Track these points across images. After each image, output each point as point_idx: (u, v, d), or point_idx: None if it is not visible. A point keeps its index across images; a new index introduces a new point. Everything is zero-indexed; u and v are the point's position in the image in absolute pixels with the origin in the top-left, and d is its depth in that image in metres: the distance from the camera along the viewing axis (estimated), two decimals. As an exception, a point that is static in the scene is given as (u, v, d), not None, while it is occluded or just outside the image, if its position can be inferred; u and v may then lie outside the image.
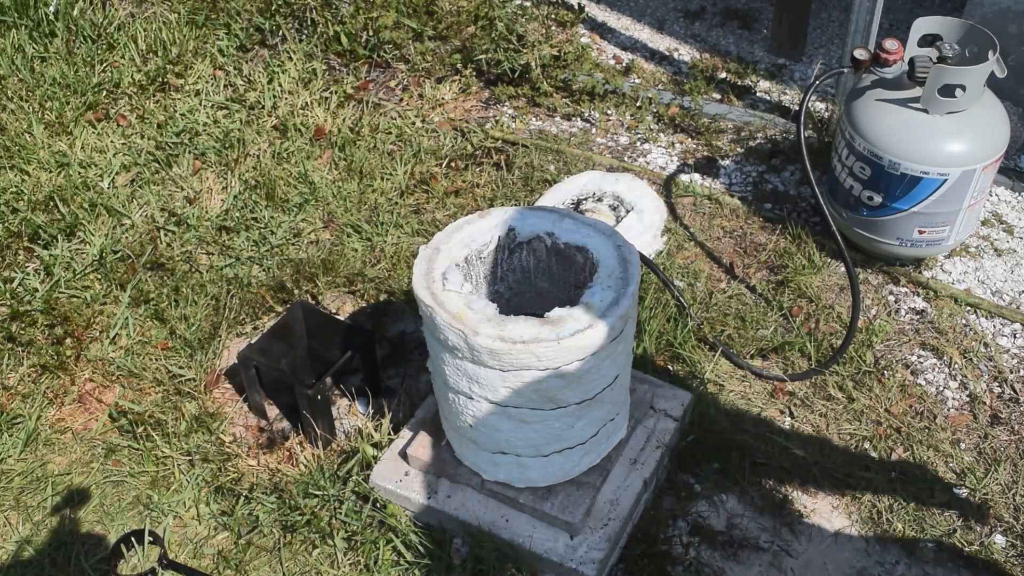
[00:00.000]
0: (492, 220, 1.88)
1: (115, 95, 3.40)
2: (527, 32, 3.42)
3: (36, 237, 2.84)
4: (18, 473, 2.29)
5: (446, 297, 1.71)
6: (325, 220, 2.92)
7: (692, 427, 2.22)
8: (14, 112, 3.29)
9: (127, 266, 2.76)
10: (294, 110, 3.32)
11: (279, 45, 3.62)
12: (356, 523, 2.05)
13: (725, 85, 3.42)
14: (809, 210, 2.87)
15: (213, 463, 2.23)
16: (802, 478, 2.15)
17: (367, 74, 3.54)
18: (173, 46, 3.54)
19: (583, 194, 2.89)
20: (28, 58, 3.52)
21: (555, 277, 1.93)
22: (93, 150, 3.18)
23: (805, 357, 2.41)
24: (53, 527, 2.17)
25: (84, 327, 2.58)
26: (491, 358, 1.65)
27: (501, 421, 1.78)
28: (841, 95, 3.01)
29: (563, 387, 1.71)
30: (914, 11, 3.69)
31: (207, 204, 2.98)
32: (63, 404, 2.43)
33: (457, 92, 3.47)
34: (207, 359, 2.48)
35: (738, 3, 3.92)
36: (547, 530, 1.92)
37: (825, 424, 2.26)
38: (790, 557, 2.02)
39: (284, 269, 2.73)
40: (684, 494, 2.12)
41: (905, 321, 2.52)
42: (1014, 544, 2.02)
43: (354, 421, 2.33)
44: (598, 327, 1.65)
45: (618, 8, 3.97)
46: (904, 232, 2.51)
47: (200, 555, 2.09)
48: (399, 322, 2.58)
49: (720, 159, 3.10)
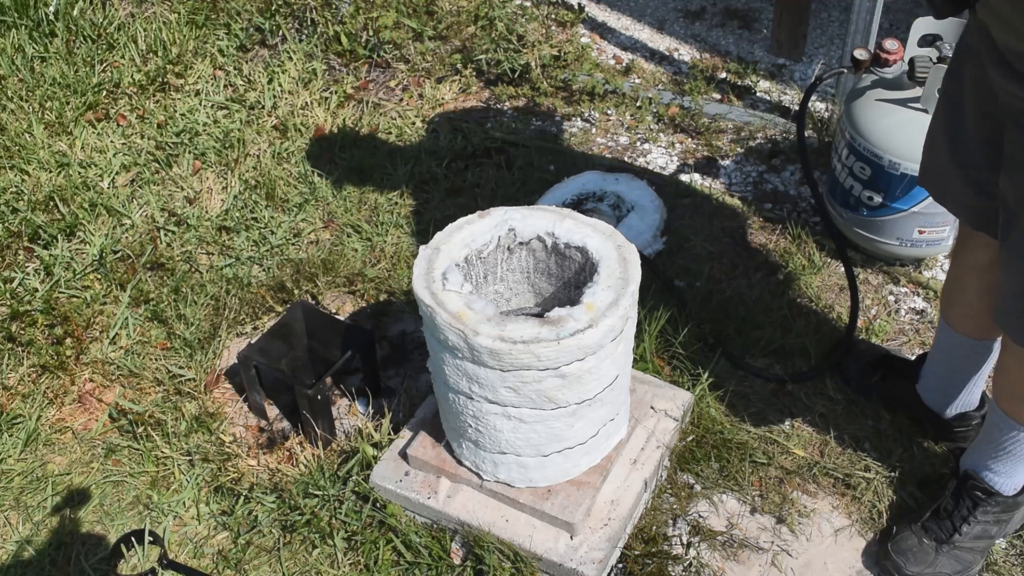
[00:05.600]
0: (492, 220, 1.88)
1: (115, 95, 3.40)
2: (527, 32, 3.42)
3: (36, 237, 2.84)
4: (18, 473, 2.29)
5: (446, 297, 1.71)
6: (325, 220, 2.92)
7: (692, 427, 2.22)
8: (14, 112, 3.29)
9: (127, 266, 2.76)
10: (294, 110, 3.33)
11: (279, 45, 3.62)
12: (356, 523, 2.05)
13: (725, 85, 3.42)
14: (809, 210, 2.87)
15: (213, 463, 2.24)
16: (802, 478, 2.15)
17: (367, 74, 3.54)
18: (173, 46, 3.54)
19: (583, 194, 2.89)
20: (28, 58, 3.52)
21: (555, 277, 1.93)
22: (93, 150, 3.18)
23: (805, 357, 2.41)
24: (53, 527, 2.17)
25: (84, 327, 2.58)
26: (491, 358, 1.65)
27: (501, 421, 1.78)
28: (841, 95, 3.01)
29: (563, 387, 1.71)
30: (914, 11, 3.69)
31: (207, 204, 2.98)
32: (63, 404, 2.43)
33: (457, 92, 3.47)
34: (207, 359, 2.49)
35: (738, 3, 3.92)
36: (547, 530, 1.92)
37: (825, 424, 2.26)
38: (790, 557, 2.02)
39: (284, 269, 2.73)
40: (684, 494, 2.12)
41: (905, 321, 2.52)
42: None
43: (354, 421, 2.33)
44: (598, 327, 1.65)
45: (618, 8, 3.97)
46: (904, 232, 2.51)
47: (200, 555, 2.09)
48: (399, 322, 2.58)
49: (720, 159, 3.10)
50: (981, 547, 1.94)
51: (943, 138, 1.69)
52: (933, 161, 1.76)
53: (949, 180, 1.71)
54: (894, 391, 2.23)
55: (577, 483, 1.93)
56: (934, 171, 1.77)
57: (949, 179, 1.71)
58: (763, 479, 2.15)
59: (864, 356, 2.33)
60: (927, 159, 1.79)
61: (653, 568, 1.98)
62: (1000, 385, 1.82)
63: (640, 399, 2.12)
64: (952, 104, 1.65)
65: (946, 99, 1.68)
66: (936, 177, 1.77)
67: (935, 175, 1.77)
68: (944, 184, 1.75)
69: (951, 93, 1.65)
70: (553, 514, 1.89)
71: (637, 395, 2.12)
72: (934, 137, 1.74)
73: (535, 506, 1.91)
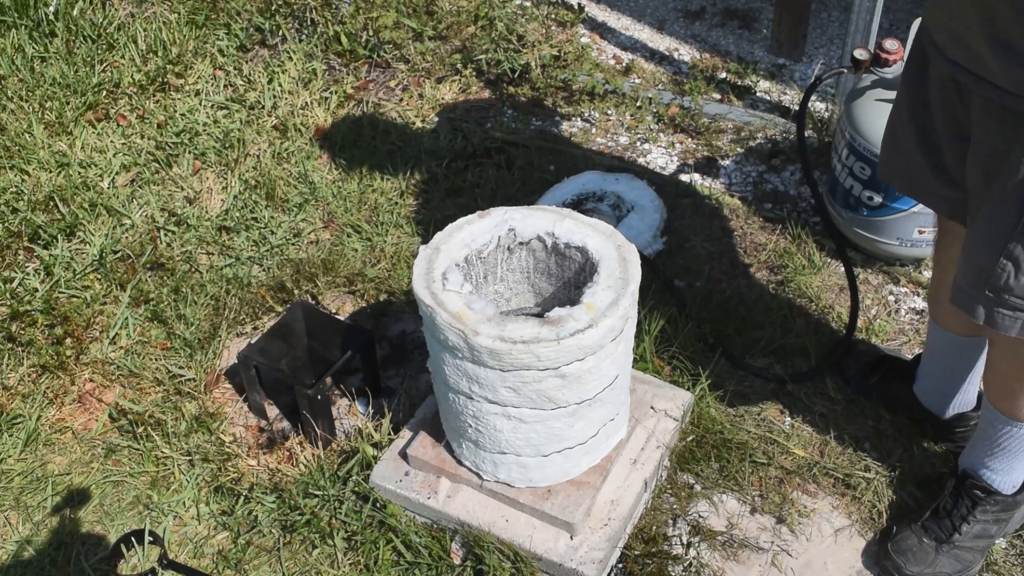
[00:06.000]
0: (492, 220, 1.88)
1: (115, 95, 3.40)
2: (527, 32, 3.42)
3: (36, 237, 2.84)
4: (18, 473, 2.29)
5: (446, 297, 1.71)
6: (325, 220, 2.92)
7: (692, 427, 2.22)
8: (14, 112, 3.29)
9: (127, 266, 2.76)
10: (294, 110, 3.33)
11: (279, 45, 3.62)
12: (356, 523, 2.05)
13: (725, 85, 3.42)
14: (809, 210, 2.87)
15: (213, 463, 2.24)
16: (802, 478, 2.15)
17: (367, 74, 3.54)
18: (173, 46, 3.54)
19: (583, 194, 2.89)
20: (28, 58, 3.52)
21: (555, 277, 1.93)
22: (93, 150, 3.18)
23: (805, 357, 2.41)
24: (53, 527, 2.17)
25: (84, 327, 2.58)
26: (491, 358, 1.65)
27: (501, 421, 1.78)
28: (841, 95, 3.01)
29: (563, 387, 1.71)
30: (914, 11, 3.69)
31: (207, 204, 2.98)
32: (63, 404, 2.43)
33: (457, 92, 3.47)
34: (207, 359, 2.49)
35: (738, 3, 3.92)
36: (547, 530, 1.92)
37: (825, 424, 2.26)
38: (790, 557, 2.02)
39: (284, 269, 2.73)
40: (684, 494, 2.12)
41: (905, 321, 2.52)
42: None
43: (354, 421, 2.33)
44: (598, 327, 1.65)
45: (618, 8, 3.97)
46: (904, 232, 2.51)
47: (200, 555, 2.10)
48: (399, 322, 2.58)
49: (720, 159, 3.10)
50: (981, 547, 1.94)
51: (909, 129, 1.68)
52: (898, 153, 1.75)
53: (918, 170, 1.70)
54: (893, 392, 2.23)
55: (577, 483, 1.93)
56: (900, 163, 1.75)
57: (918, 169, 1.70)
58: (763, 479, 2.15)
59: (863, 357, 2.33)
60: (890, 152, 1.78)
61: (653, 568, 1.98)
62: (990, 381, 1.82)
63: (640, 399, 2.12)
64: (916, 95, 1.64)
65: (908, 89, 1.67)
66: (902, 169, 1.76)
67: (901, 167, 1.76)
68: (912, 175, 1.74)
69: (913, 83, 1.64)
70: (553, 514, 1.89)
71: (637, 395, 2.12)
72: (898, 128, 1.73)
73: (535, 506, 1.91)
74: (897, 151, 1.75)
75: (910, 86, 1.66)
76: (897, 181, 1.82)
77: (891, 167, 1.80)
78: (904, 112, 1.69)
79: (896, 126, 1.74)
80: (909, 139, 1.69)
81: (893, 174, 1.81)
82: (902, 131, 1.71)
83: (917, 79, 1.63)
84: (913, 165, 1.71)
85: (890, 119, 1.76)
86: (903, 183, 1.81)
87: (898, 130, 1.73)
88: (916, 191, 1.79)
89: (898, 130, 1.73)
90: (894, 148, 1.76)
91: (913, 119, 1.67)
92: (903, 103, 1.70)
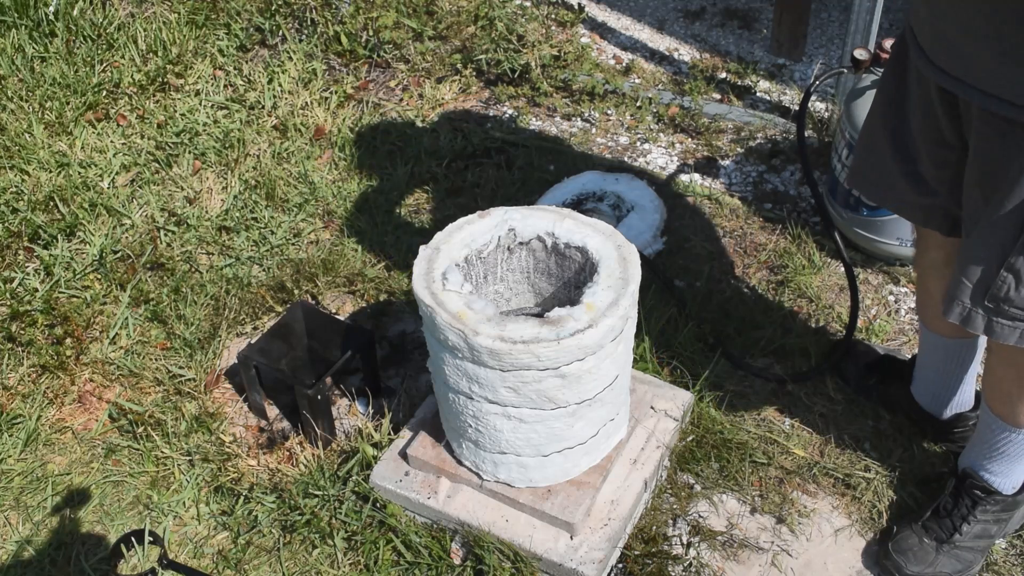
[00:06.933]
0: (492, 220, 1.88)
1: (115, 95, 3.40)
2: (527, 32, 3.42)
3: (36, 237, 2.84)
4: (18, 473, 2.29)
5: (446, 297, 1.71)
6: (325, 220, 2.92)
7: (692, 427, 2.22)
8: (14, 112, 3.29)
9: (127, 266, 2.76)
10: (294, 110, 3.33)
11: (279, 45, 3.62)
12: (356, 523, 2.05)
13: (725, 85, 3.42)
14: (809, 210, 2.87)
15: (213, 463, 2.24)
16: (802, 478, 2.15)
17: (367, 74, 3.54)
18: (173, 46, 3.54)
19: (583, 194, 2.89)
20: (28, 58, 3.52)
21: (555, 277, 1.93)
22: (93, 150, 3.18)
23: (805, 357, 2.41)
24: (53, 527, 2.17)
25: (84, 327, 2.58)
26: (491, 358, 1.65)
27: (501, 421, 1.78)
28: (841, 95, 3.01)
29: (563, 387, 1.71)
30: (914, 11, 3.68)
31: (207, 204, 2.98)
32: (63, 404, 2.43)
33: (457, 92, 3.47)
34: (207, 359, 2.49)
35: (738, 3, 3.92)
36: (547, 530, 1.92)
37: (825, 424, 2.26)
38: (790, 557, 2.02)
39: (284, 269, 2.73)
40: (684, 494, 2.12)
41: (905, 321, 2.52)
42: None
43: (354, 421, 2.33)
44: (598, 327, 1.65)
45: (618, 8, 3.97)
46: (904, 232, 2.51)
47: (200, 555, 2.10)
48: (399, 322, 2.58)
49: (720, 159, 3.10)
50: (981, 546, 1.94)
51: (883, 137, 1.66)
52: (871, 161, 1.73)
53: (891, 179, 1.69)
54: (892, 393, 2.23)
55: (577, 483, 1.93)
56: (872, 171, 1.74)
57: (891, 178, 1.69)
58: (763, 479, 2.15)
59: (862, 358, 2.33)
60: (862, 160, 1.76)
61: (653, 568, 1.98)
62: (988, 385, 1.82)
63: (640, 399, 2.12)
64: (893, 103, 1.62)
65: (885, 98, 1.65)
66: (874, 177, 1.74)
67: (873, 175, 1.74)
68: (885, 183, 1.72)
69: (891, 86, 1.62)
70: (553, 514, 1.89)
71: (637, 395, 2.12)
72: (872, 137, 1.71)
73: (535, 506, 1.91)
74: (869, 156, 1.73)
75: (887, 89, 1.64)
76: (867, 188, 1.80)
77: (862, 174, 1.77)
78: (878, 116, 1.67)
79: (870, 133, 1.72)
80: (883, 145, 1.67)
81: (863, 181, 1.78)
82: (876, 136, 1.69)
83: (895, 81, 1.61)
84: (885, 172, 1.69)
85: (864, 123, 1.74)
86: (873, 190, 1.78)
87: (872, 137, 1.71)
88: (887, 199, 1.77)
89: (872, 137, 1.71)
90: (867, 155, 1.74)
91: (887, 124, 1.65)
92: (878, 106, 1.68)
